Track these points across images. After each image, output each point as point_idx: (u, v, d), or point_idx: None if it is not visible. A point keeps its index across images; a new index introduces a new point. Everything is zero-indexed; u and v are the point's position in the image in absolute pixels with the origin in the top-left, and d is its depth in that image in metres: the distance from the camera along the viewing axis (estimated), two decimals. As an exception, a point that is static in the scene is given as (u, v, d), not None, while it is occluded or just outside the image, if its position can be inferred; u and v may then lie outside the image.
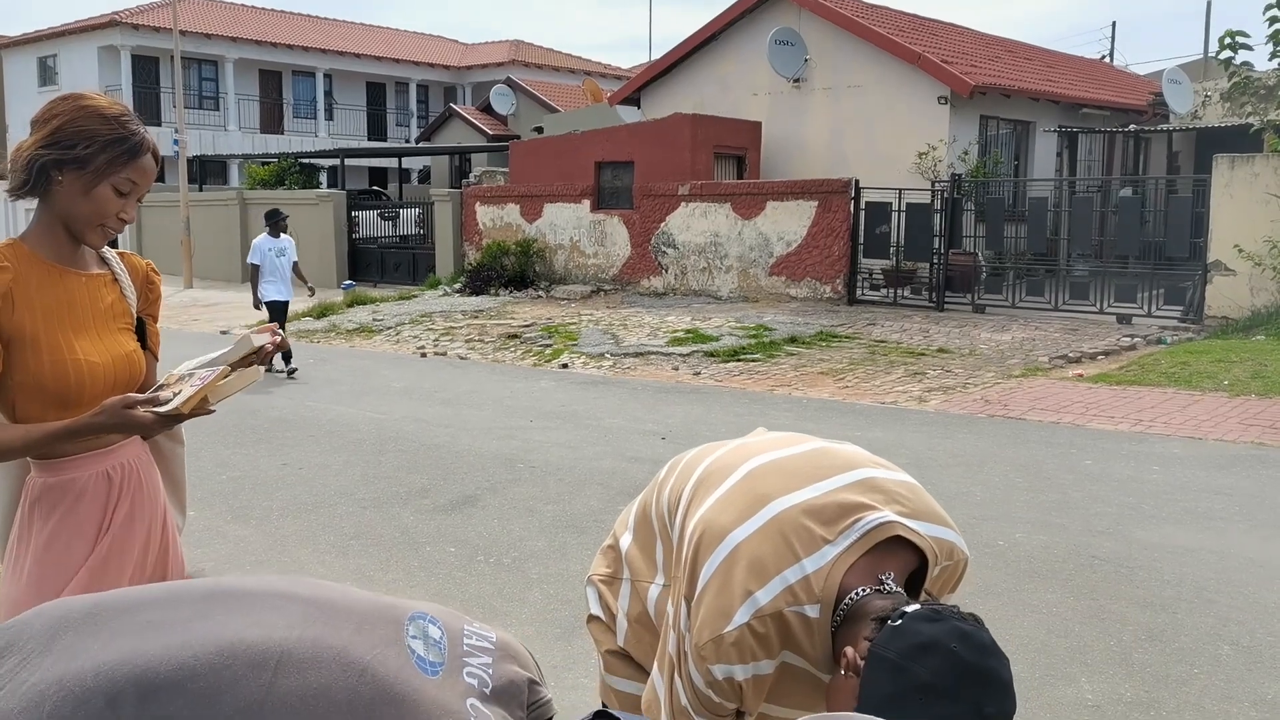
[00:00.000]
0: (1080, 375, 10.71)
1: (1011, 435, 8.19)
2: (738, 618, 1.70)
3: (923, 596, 1.78)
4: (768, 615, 1.70)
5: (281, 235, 11.78)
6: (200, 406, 2.08)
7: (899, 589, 1.70)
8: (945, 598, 1.90)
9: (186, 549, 2.58)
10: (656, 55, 23.93)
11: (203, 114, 34.48)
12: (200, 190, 27.16)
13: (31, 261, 2.12)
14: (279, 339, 2.27)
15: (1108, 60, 31.12)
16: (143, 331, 2.32)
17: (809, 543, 1.74)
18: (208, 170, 31.04)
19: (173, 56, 25.48)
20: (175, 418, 2.08)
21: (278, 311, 11.83)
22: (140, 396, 2.08)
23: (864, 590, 1.68)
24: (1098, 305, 14.12)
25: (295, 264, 11.90)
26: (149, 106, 33.06)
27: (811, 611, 1.70)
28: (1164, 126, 19.83)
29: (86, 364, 2.10)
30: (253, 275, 11.75)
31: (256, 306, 11.94)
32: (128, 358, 2.21)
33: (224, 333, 15.16)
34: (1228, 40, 12.37)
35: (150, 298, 2.38)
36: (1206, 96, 20.52)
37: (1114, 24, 55.94)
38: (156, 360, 2.40)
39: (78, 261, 2.20)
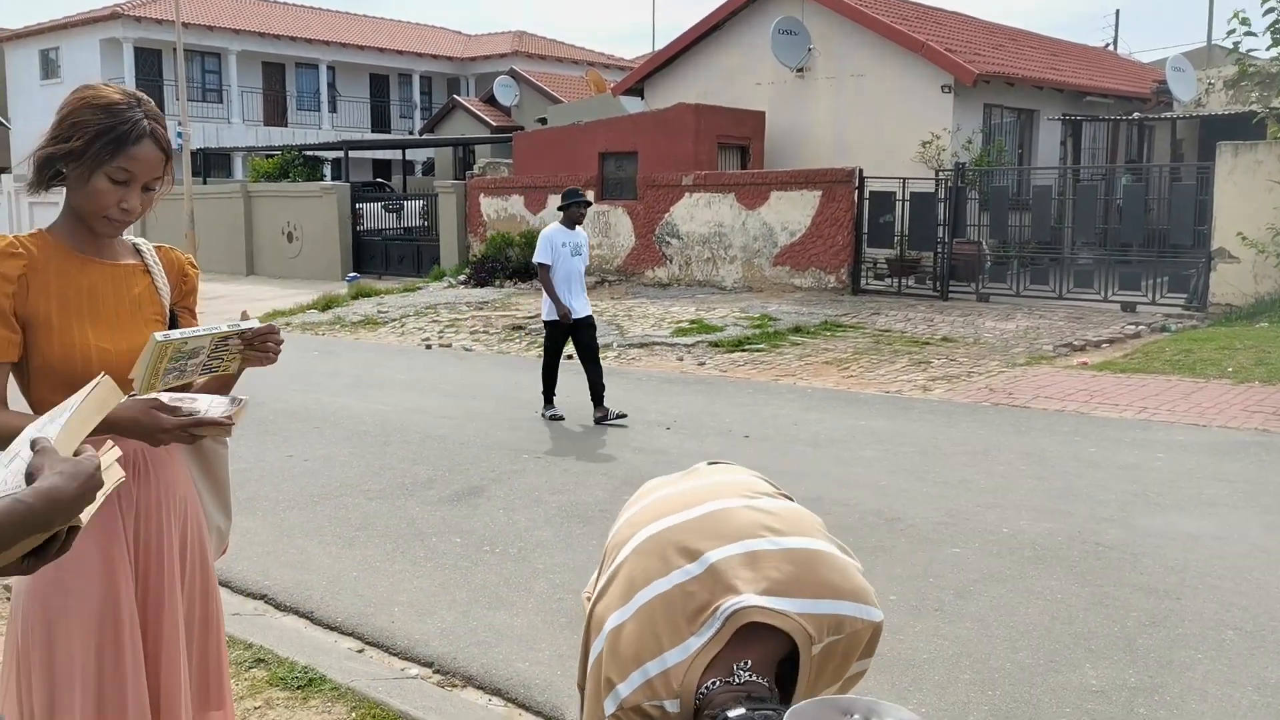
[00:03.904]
0: (1085, 363, 10.71)
1: (1016, 423, 8.20)
2: (606, 707, 1.70)
3: (804, 678, 1.72)
4: (630, 709, 1.68)
5: (577, 227, 8.78)
6: (220, 429, 2.11)
7: (753, 677, 1.64)
8: (855, 668, 1.85)
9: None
10: (660, 45, 23.88)
11: (206, 107, 34.46)
12: (204, 183, 27.18)
13: (54, 250, 2.15)
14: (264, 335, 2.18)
15: (1111, 48, 31.03)
16: (175, 325, 2.33)
17: (673, 633, 1.70)
18: (212, 163, 31.05)
19: (175, 49, 25.45)
20: (191, 435, 2.08)
21: (558, 334, 8.62)
22: (170, 401, 2.08)
23: (714, 683, 1.64)
24: (1102, 293, 14.11)
25: (584, 268, 8.88)
26: (152, 99, 32.99)
27: (671, 707, 1.67)
28: (1168, 114, 19.78)
29: (97, 349, 2.12)
30: (544, 280, 8.59)
31: (565, 318, 8.50)
32: None
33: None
34: (1234, 24, 12.31)
35: (184, 290, 2.38)
36: (1210, 84, 20.46)
37: (1117, 12, 55.65)
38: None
39: (104, 252, 2.22)
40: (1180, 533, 5.48)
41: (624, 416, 8.31)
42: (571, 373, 8.88)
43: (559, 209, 8.75)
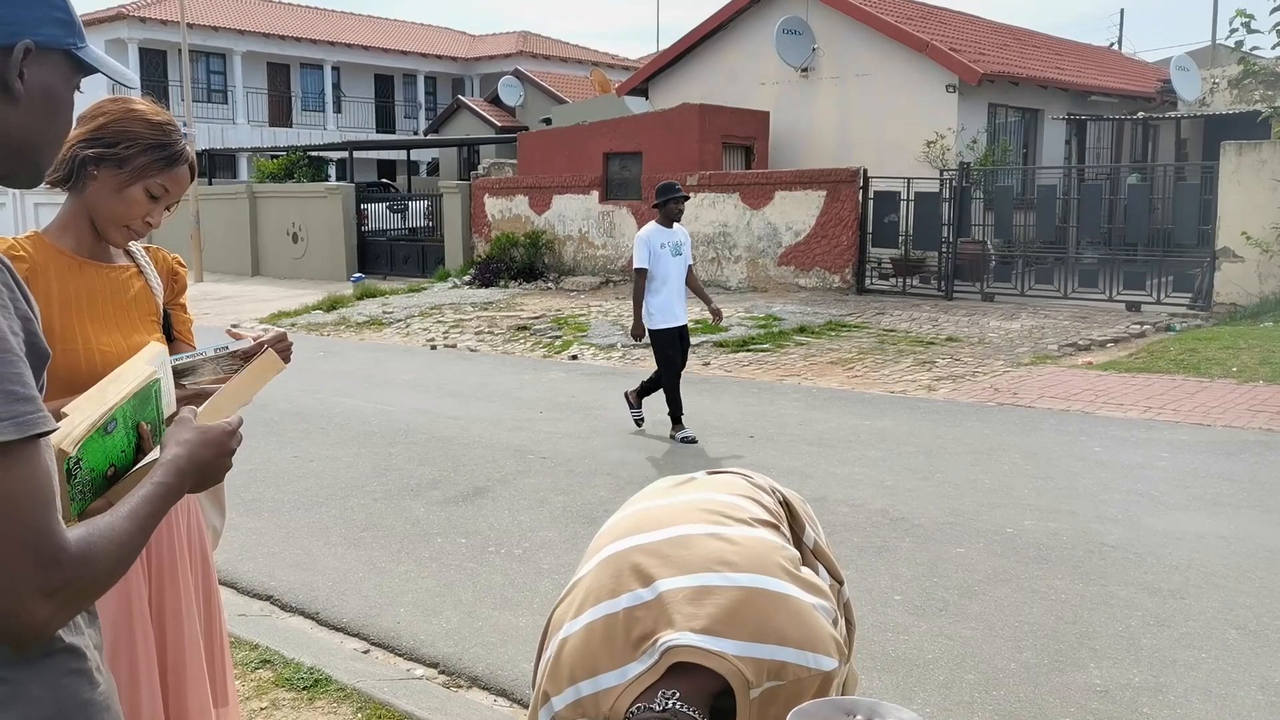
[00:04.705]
0: (1089, 363, 10.71)
1: (1020, 423, 8.20)
2: (540, 717, 1.72)
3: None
4: None
5: (676, 224, 7.96)
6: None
7: (680, 707, 1.62)
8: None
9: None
10: (664, 45, 23.90)
11: (211, 107, 34.51)
12: (209, 184, 27.23)
13: (52, 253, 2.17)
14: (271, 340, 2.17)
15: (1116, 47, 30.99)
16: (169, 323, 2.36)
17: (612, 656, 1.69)
18: (217, 164, 31.10)
19: (181, 50, 25.51)
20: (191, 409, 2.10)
21: (671, 343, 7.87)
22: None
23: (640, 708, 1.63)
24: (1107, 293, 14.10)
25: (690, 268, 8.02)
26: (159, 100, 33.09)
27: None
28: (1172, 114, 19.76)
29: (99, 353, 2.14)
30: (637, 288, 7.83)
31: (637, 336, 7.98)
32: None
33: (234, 326, 15.20)
34: (1238, 23, 12.30)
35: (176, 289, 2.43)
36: (1215, 83, 20.44)
37: (1122, 11, 55.67)
38: (193, 348, 2.43)
39: (100, 255, 2.24)
40: (1184, 532, 5.48)
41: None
42: (585, 378, 8.88)
43: (654, 206, 7.98)
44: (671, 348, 7.82)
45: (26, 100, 1.27)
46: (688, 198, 8.21)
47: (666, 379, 7.86)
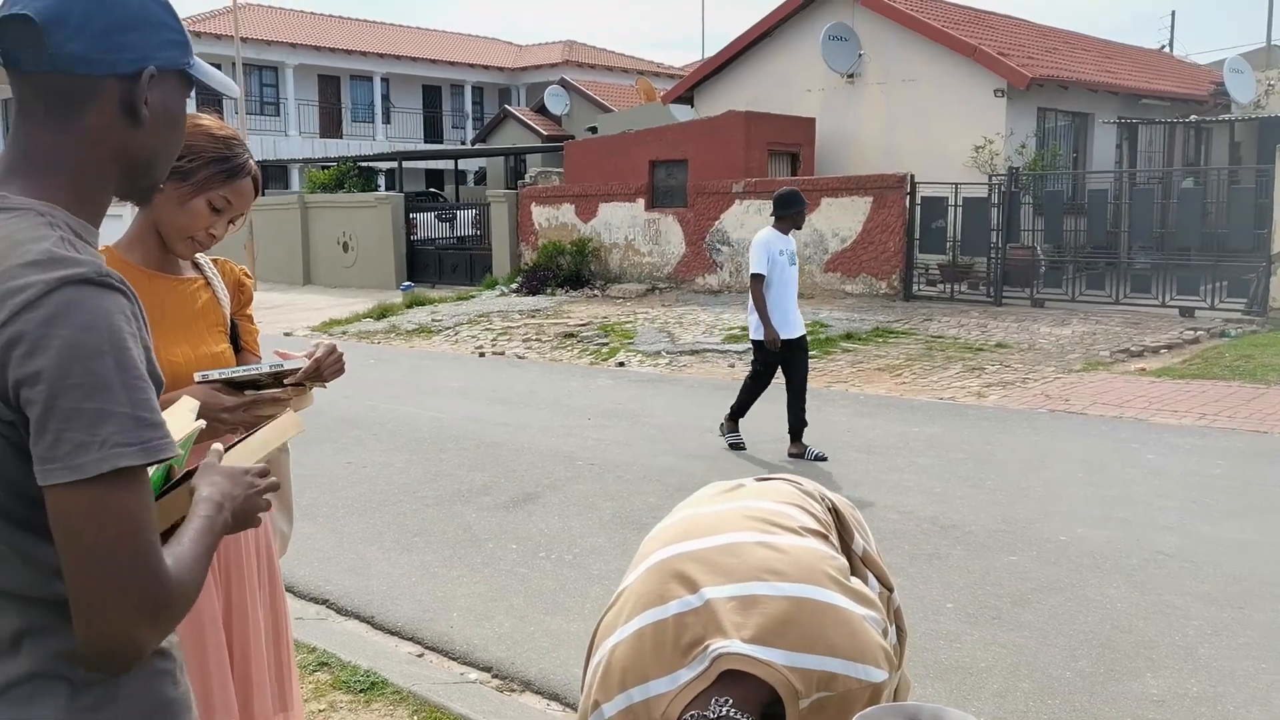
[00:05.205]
0: (1143, 369, 10.57)
1: (1072, 430, 8.12)
2: None
3: None
4: None
5: (792, 231, 7.62)
6: (277, 406, 2.16)
7: (733, 713, 1.63)
8: None
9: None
10: (709, 53, 23.92)
11: (264, 119, 35.06)
12: (262, 195, 27.54)
13: (123, 266, 2.22)
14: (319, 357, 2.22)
15: (1167, 50, 30.56)
16: (236, 334, 2.41)
17: (662, 662, 1.69)
18: (269, 175, 31.56)
19: (235, 63, 25.94)
20: (253, 415, 2.16)
21: (766, 357, 7.54)
22: (228, 375, 2.13)
23: (694, 715, 1.64)
24: (1159, 298, 13.91)
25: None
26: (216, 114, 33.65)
27: None
28: (1226, 116, 19.45)
29: (169, 364, 2.19)
30: (757, 295, 7.42)
31: (773, 346, 7.43)
32: (214, 357, 2.30)
33: (287, 334, 15.44)
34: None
35: (242, 300, 2.48)
36: (1270, 85, 20.10)
37: (1173, 13, 54.68)
38: (257, 358, 2.49)
39: (169, 267, 2.29)
40: (1242, 541, 5.40)
41: (824, 459, 7.30)
42: (632, 385, 8.90)
43: (774, 215, 7.53)
44: (770, 360, 7.52)
45: (150, 122, 1.32)
46: (808, 204, 7.65)
47: (752, 386, 7.63)
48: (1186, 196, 14.61)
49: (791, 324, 7.50)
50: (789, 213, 7.46)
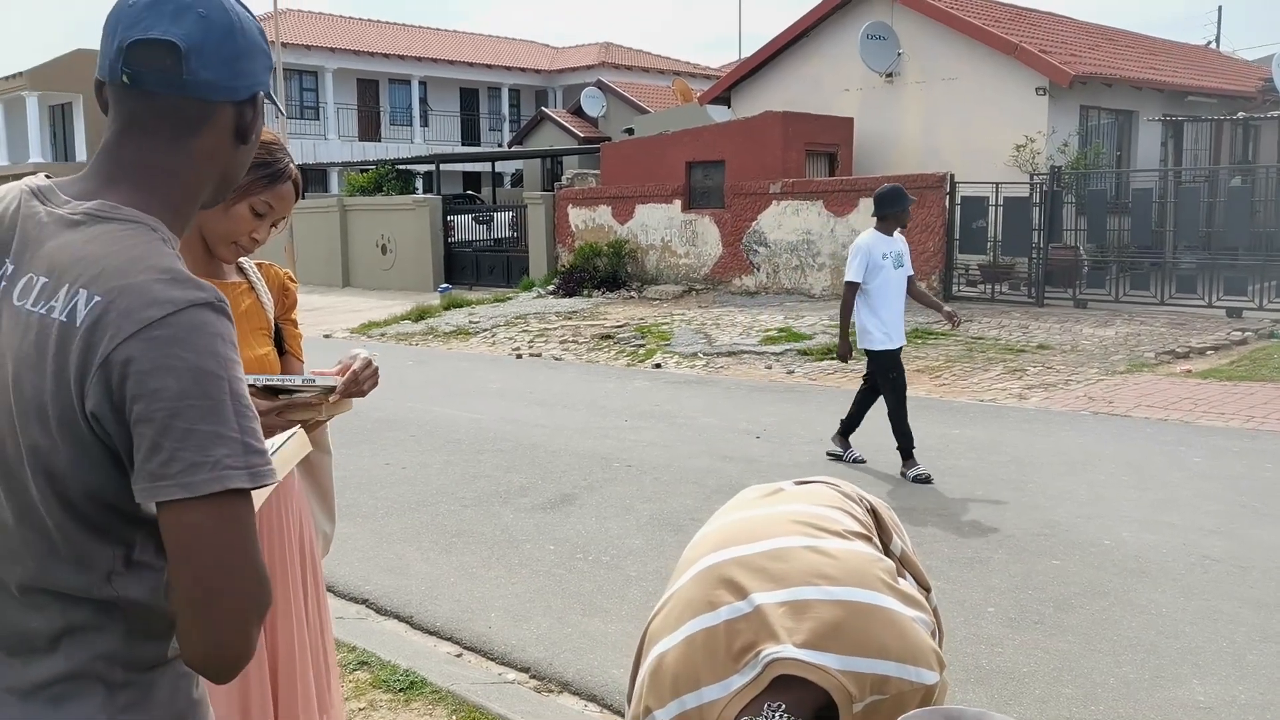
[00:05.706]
0: (1188, 370, 10.41)
1: (1116, 432, 8.01)
2: None
3: None
4: None
5: (896, 232, 7.08)
6: (311, 411, 2.18)
7: (786, 718, 1.63)
8: None
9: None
10: (746, 54, 23.85)
11: (304, 124, 35.39)
12: (302, 198, 27.78)
13: None
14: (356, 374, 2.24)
15: (1214, 46, 30.10)
16: (280, 338, 2.43)
17: (714, 669, 1.70)
18: (309, 178, 31.87)
19: (275, 69, 26.21)
20: (286, 420, 2.16)
21: (896, 364, 7.11)
22: (266, 383, 2.15)
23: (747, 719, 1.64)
24: (1206, 299, 13.69)
25: (911, 278, 7.24)
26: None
27: None
28: (1274, 113, 19.11)
29: None
30: (845, 302, 7.12)
31: (844, 358, 7.34)
32: (259, 360, 2.31)
33: (326, 337, 15.57)
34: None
35: (286, 304, 2.49)
36: (1320, 80, 19.71)
37: (1220, 8, 53.74)
38: (301, 363, 2.51)
39: (214, 271, 2.31)
40: (1292, 546, 5.30)
41: (863, 461, 7.20)
42: (668, 386, 8.88)
43: (876, 215, 7.02)
44: (896, 370, 7.02)
45: (252, 142, 1.39)
46: (913, 200, 7.21)
47: (894, 406, 6.97)
48: (1234, 195, 14.38)
49: (900, 334, 7.04)
50: (891, 212, 6.93)
